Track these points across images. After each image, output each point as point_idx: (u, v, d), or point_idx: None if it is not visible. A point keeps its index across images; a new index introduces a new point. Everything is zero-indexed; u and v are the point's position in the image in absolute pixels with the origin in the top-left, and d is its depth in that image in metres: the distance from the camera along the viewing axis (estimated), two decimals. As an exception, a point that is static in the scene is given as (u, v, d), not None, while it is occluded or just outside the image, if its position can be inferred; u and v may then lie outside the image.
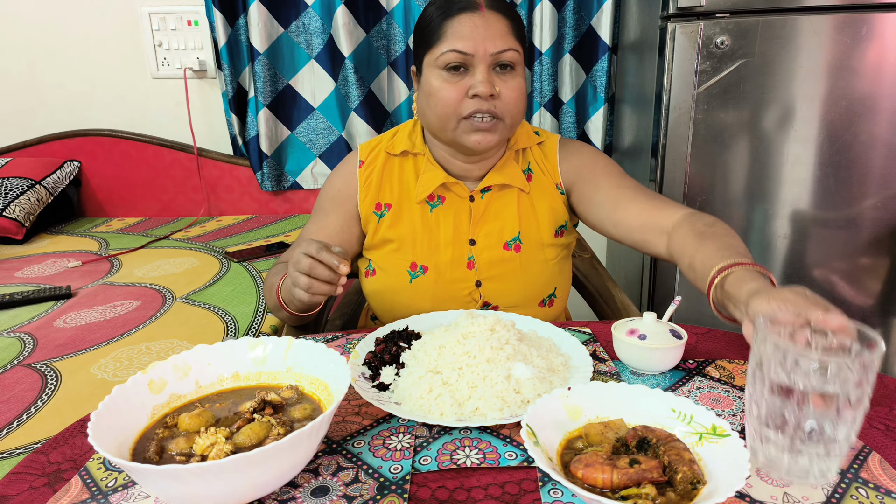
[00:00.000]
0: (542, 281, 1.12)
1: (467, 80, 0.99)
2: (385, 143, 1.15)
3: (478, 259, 1.09)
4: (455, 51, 0.98)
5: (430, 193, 1.09)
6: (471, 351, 0.75)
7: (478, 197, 1.11)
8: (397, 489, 0.59)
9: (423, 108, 1.07)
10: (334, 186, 1.17)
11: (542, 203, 1.13)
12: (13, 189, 2.19)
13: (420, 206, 1.11)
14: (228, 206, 2.47)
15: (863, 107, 1.59)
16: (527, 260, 1.10)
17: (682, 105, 1.65)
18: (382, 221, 1.12)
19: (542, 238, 1.12)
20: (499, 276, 1.09)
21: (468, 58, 0.98)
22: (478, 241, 1.10)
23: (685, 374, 0.81)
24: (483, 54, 0.98)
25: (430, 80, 1.02)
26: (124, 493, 0.61)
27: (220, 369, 0.72)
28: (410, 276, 1.09)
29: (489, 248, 1.10)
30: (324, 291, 0.87)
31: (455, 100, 0.99)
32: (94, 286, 1.66)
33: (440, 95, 1.00)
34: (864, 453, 0.63)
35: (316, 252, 0.85)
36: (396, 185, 1.13)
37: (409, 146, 1.12)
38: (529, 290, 1.11)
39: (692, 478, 0.54)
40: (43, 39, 2.40)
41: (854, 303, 1.73)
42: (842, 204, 1.66)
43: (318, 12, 2.21)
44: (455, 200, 1.11)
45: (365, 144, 1.17)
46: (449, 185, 1.10)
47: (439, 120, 1.02)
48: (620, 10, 2.16)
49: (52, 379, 1.16)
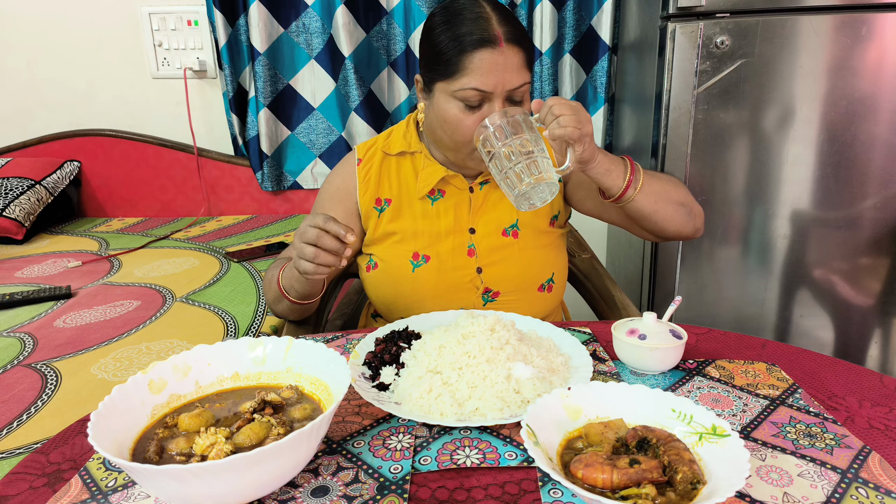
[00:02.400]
0: (540, 265, 1.15)
1: (483, 112, 1.00)
2: (381, 144, 1.18)
3: (478, 246, 1.12)
4: (475, 89, 0.98)
5: (431, 188, 1.12)
6: (471, 351, 0.76)
7: (477, 188, 1.14)
8: (397, 489, 0.59)
9: (432, 126, 1.08)
10: (333, 184, 1.19)
11: None
12: (13, 189, 2.19)
13: (421, 201, 1.13)
14: (228, 206, 2.47)
15: (863, 107, 1.59)
16: (525, 245, 1.14)
17: (682, 105, 1.65)
18: (383, 216, 1.14)
19: (537, 225, 1.15)
20: (499, 262, 1.12)
21: (486, 94, 0.99)
22: (477, 229, 1.13)
23: (685, 374, 0.81)
24: (500, 91, 0.98)
25: (444, 105, 1.02)
26: (124, 493, 0.61)
27: (220, 369, 0.72)
28: (413, 265, 1.11)
29: (488, 235, 1.13)
30: (329, 262, 0.90)
31: (471, 131, 1.01)
32: (94, 286, 1.66)
33: (456, 126, 1.02)
34: (864, 453, 0.63)
35: (323, 222, 0.89)
36: (395, 181, 1.15)
37: (405, 146, 1.15)
38: (528, 274, 1.14)
39: (692, 478, 0.54)
40: (43, 39, 2.40)
41: (854, 303, 1.73)
42: (842, 204, 1.66)
43: (318, 12, 2.21)
44: (455, 192, 1.14)
45: (361, 145, 1.20)
46: (448, 179, 1.12)
47: (455, 144, 1.05)
48: (620, 10, 2.16)
49: (51, 379, 1.16)
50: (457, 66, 0.98)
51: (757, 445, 0.65)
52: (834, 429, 0.67)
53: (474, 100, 0.99)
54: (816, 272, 1.72)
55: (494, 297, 1.13)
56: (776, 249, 1.73)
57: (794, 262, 1.73)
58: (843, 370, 0.81)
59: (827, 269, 1.72)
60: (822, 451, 0.63)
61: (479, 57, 0.97)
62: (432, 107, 1.05)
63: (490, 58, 0.97)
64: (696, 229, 1.13)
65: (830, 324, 1.76)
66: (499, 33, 0.97)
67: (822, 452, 0.63)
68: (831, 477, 0.60)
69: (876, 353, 1.78)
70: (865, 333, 1.76)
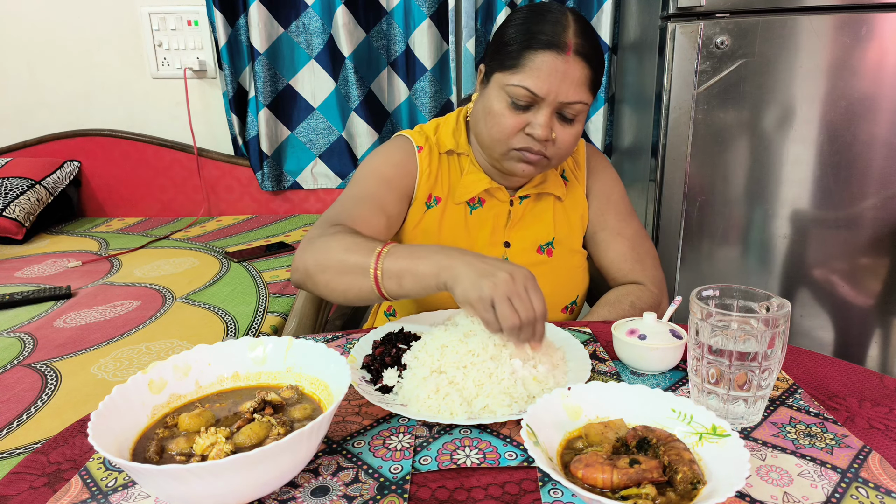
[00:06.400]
0: (569, 286, 1.13)
1: (528, 116, 0.97)
2: (433, 138, 1.12)
3: (511, 261, 1.09)
4: (527, 89, 0.94)
5: (472, 196, 1.09)
6: (474, 349, 0.75)
7: (517, 202, 1.11)
8: (397, 489, 0.59)
9: (477, 117, 1.04)
10: (394, 156, 1.10)
11: (575, 211, 1.15)
12: (13, 189, 2.19)
13: (460, 206, 1.10)
14: (228, 206, 2.47)
15: (863, 107, 1.59)
16: (558, 264, 1.12)
17: (682, 105, 1.65)
18: (429, 213, 1.10)
19: (573, 244, 1.14)
20: None
21: (537, 98, 0.95)
22: (512, 243, 1.11)
23: (685, 374, 0.80)
24: (553, 99, 0.95)
25: (493, 98, 0.99)
26: (124, 493, 0.61)
27: (220, 369, 0.72)
28: None
29: (523, 251, 1.10)
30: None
31: (511, 130, 0.98)
32: (94, 286, 1.66)
33: (499, 121, 0.98)
34: (864, 453, 0.63)
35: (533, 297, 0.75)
36: (446, 181, 1.11)
37: (453, 145, 1.11)
38: (557, 294, 1.12)
39: (692, 478, 0.54)
40: (43, 39, 2.40)
41: (854, 303, 1.73)
42: (842, 204, 1.66)
43: (318, 12, 2.21)
44: (495, 204, 1.11)
45: (412, 132, 1.13)
46: (492, 191, 1.10)
47: (491, 140, 1.01)
48: (620, 10, 2.16)
49: (51, 379, 1.16)
50: (518, 60, 0.95)
51: (757, 445, 0.65)
52: (834, 429, 0.67)
53: (524, 100, 0.95)
54: (816, 272, 1.72)
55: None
56: (776, 249, 1.73)
57: (794, 262, 1.73)
58: (843, 370, 0.81)
59: (827, 269, 1.72)
60: (823, 451, 0.63)
61: (542, 58, 0.93)
62: (484, 96, 1.02)
63: (552, 62, 0.93)
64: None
65: (830, 324, 1.76)
66: (570, 42, 0.94)
67: (822, 452, 0.63)
68: (831, 477, 0.60)
69: (876, 353, 1.78)
70: (865, 333, 1.76)
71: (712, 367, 0.68)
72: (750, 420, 0.69)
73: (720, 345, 0.67)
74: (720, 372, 0.67)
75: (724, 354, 0.66)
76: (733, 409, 0.68)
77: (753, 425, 0.68)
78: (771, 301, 0.70)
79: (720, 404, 0.69)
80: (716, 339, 0.67)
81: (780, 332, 0.66)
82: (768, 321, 0.65)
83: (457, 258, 0.78)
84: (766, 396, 0.68)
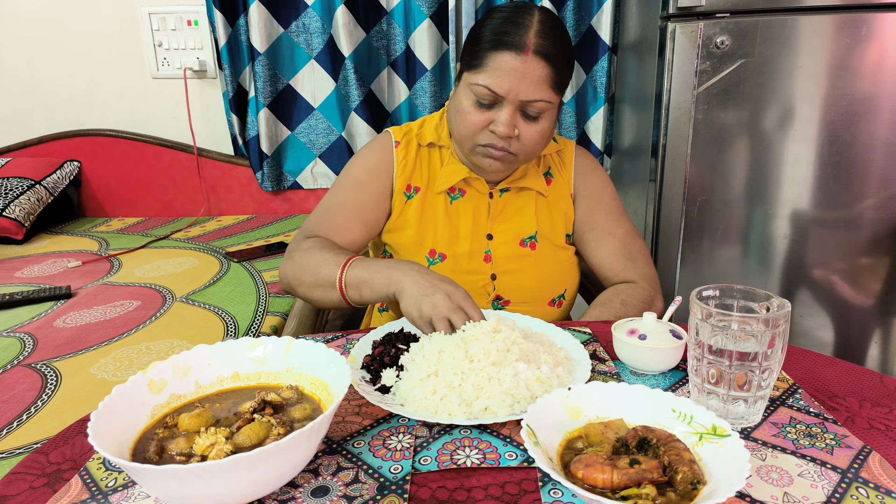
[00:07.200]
0: (555, 279, 1.15)
1: (492, 114, 1.00)
2: (415, 131, 1.17)
3: (495, 253, 1.13)
4: (487, 88, 0.98)
5: (451, 186, 1.12)
6: (474, 355, 0.74)
7: (496, 195, 1.14)
8: (397, 489, 0.59)
9: (450, 114, 1.09)
10: (369, 160, 1.15)
11: (559, 209, 1.17)
12: (13, 189, 2.19)
13: (441, 196, 1.13)
14: (228, 206, 2.47)
15: (863, 107, 1.59)
16: (542, 258, 1.14)
17: (682, 105, 1.65)
18: (410, 203, 1.14)
19: (556, 240, 1.16)
20: (514, 271, 1.12)
21: (498, 97, 0.99)
22: (495, 236, 1.13)
23: (685, 374, 0.80)
24: (513, 98, 0.98)
25: (462, 96, 1.03)
26: (124, 493, 0.61)
27: (220, 369, 0.72)
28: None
29: (506, 243, 1.13)
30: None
31: (476, 128, 1.01)
32: (94, 286, 1.66)
33: (465, 118, 1.02)
34: (864, 453, 0.63)
35: (466, 305, 0.83)
36: (425, 171, 1.15)
37: (435, 138, 1.15)
38: (543, 286, 1.14)
39: (692, 478, 0.54)
40: (43, 39, 2.40)
41: (854, 303, 1.73)
42: (842, 204, 1.66)
43: (318, 12, 2.21)
44: (475, 195, 1.14)
45: (395, 129, 1.18)
46: (470, 181, 1.13)
47: (460, 136, 1.06)
48: (620, 10, 2.16)
49: (51, 379, 1.16)
50: (481, 59, 0.99)
51: (757, 445, 0.65)
52: (834, 429, 0.67)
53: (486, 98, 0.99)
54: (816, 272, 1.72)
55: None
56: (776, 249, 1.73)
57: (794, 262, 1.73)
58: (843, 370, 0.81)
59: (827, 269, 1.72)
60: (823, 451, 0.63)
61: (502, 58, 0.97)
62: (455, 94, 1.06)
63: (511, 62, 0.97)
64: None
65: (830, 324, 1.76)
66: (530, 42, 0.97)
67: (822, 452, 0.63)
68: (831, 477, 0.60)
69: (876, 353, 1.78)
70: (865, 333, 1.76)
71: (712, 368, 0.68)
72: (750, 420, 0.69)
73: (720, 345, 0.67)
74: (720, 372, 0.67)
75: (724, 354, 0.67)
76: (733, 409, 0.68)
77: (753, 425, 0.68)
78: (771, 301, 0.70)
79: (720, 404, 0.69)
80: (716, 339, 0.67)
81: (780, 332, 0.66)
82: (768, 321, 0.65)
83: (405, 273, 0.89)
84: (766, 396, 0.69)
